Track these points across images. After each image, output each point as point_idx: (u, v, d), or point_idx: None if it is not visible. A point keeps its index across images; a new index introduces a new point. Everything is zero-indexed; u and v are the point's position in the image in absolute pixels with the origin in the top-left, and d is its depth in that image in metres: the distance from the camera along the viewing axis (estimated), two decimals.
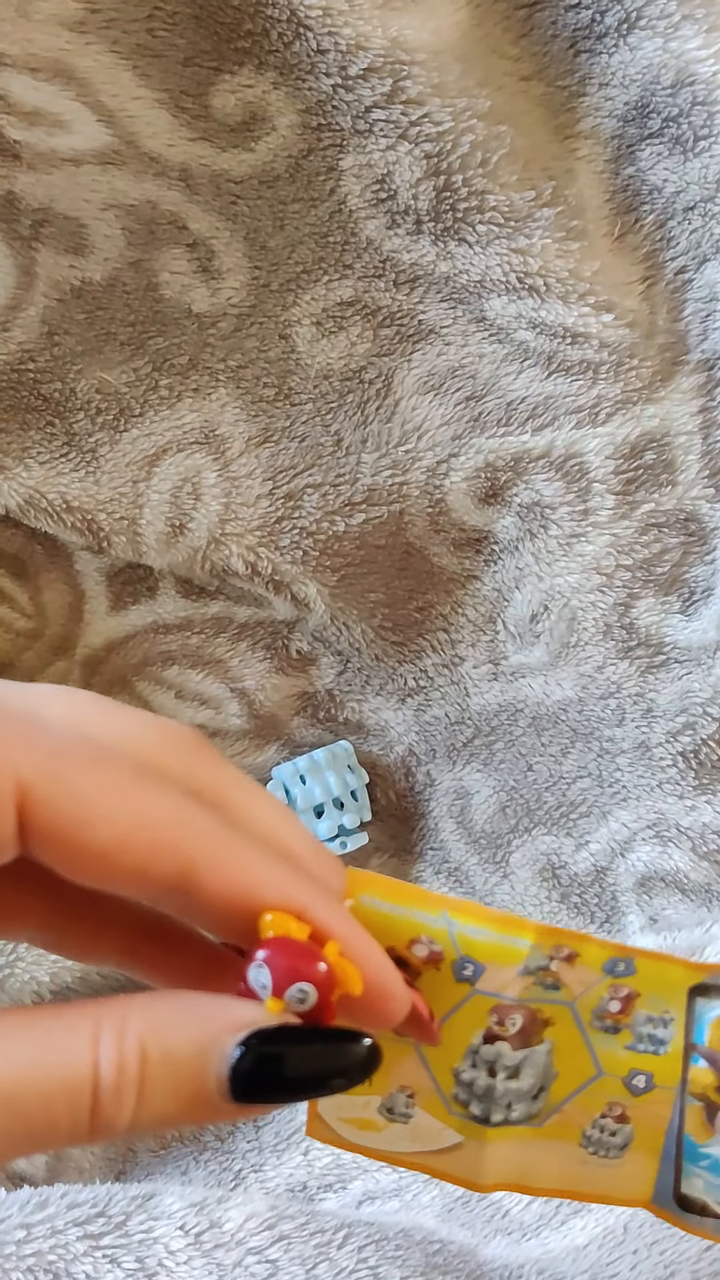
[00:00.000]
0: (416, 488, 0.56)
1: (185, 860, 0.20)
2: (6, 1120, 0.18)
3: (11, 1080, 0.18)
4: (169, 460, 0.56)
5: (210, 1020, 0.20)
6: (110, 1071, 0.19)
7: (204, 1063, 0.20)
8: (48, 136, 0.49)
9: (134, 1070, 0.19)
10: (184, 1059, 0.20)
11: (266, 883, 0.21)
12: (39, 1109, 0.19)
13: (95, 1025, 0.19)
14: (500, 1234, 0.49)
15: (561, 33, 0.49)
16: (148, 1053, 0.19)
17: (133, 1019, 0.20)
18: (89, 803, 0.19)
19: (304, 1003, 0.21)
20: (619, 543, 0.56)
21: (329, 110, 0.48)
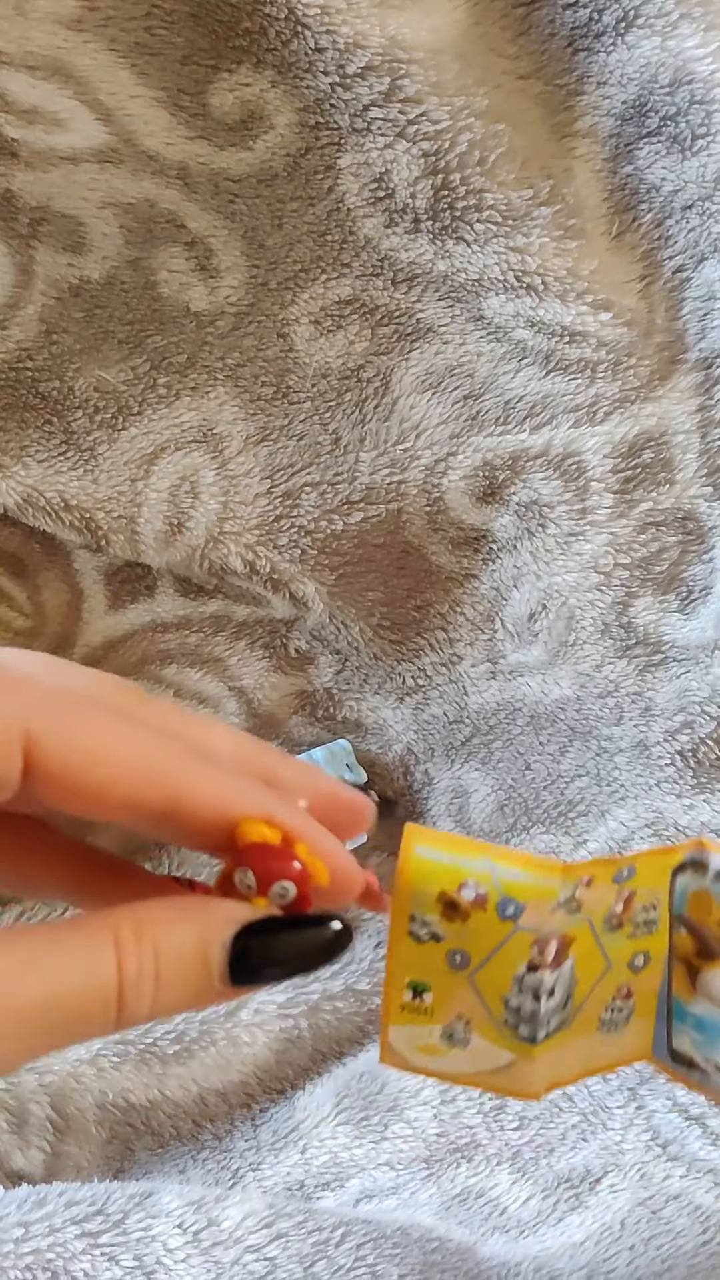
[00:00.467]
0: (414, 486, 0.56)
1: (171, 788, 0.23)
2: (51, 1020, 0.22)
3: (51, 987, 0.21)
4: (167, 459, 0.56)
5: (209, 918, 0.24)
6: (132, 971, 0.22)
7: (207, 954, 0.23)
8: (45, 135, 0.49)
9: (150, 967, 0.22)
10: (190, 953, 0.23)
11: (239, 798, 0.24)
12: (76, 1009, 0.22)
13: (114, 933, 0.22)
14: (498, 1231, 0.49)
15: (559, 31, 0.49)
16: (160, 951, 0.23)
17: (145, 923, 0.23)
18: (89, 746, 0.23)
19: (285, 897, 0.25)
20: (617, 541, 0.56)
21: (327, 109, 0.48)
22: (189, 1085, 0.53)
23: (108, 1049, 0.52)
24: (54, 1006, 0.21)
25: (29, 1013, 0.21)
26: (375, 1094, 0.53)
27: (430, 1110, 0.52)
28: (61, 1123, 0.51)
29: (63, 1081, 0.51)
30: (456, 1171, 0.52)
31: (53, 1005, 0.21)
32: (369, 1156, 0.52)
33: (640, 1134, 0.51)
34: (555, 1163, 0.51)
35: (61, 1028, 0.22)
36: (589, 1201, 0.50)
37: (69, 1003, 0.22)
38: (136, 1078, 0.52)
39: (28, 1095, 0.51)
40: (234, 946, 0.24)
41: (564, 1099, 0.52)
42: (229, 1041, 0.54)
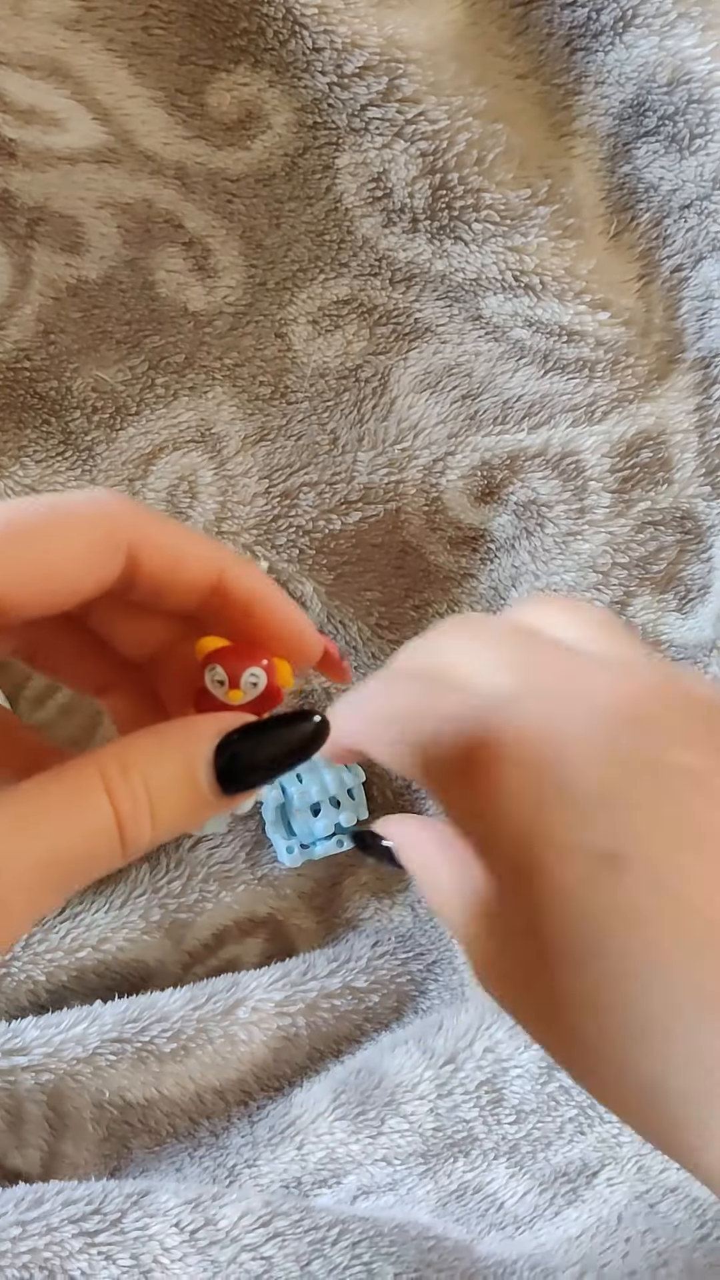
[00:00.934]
0: (413, 486, 0.56)
1: (217, 572, 0.26)
2: (60, 869, 0.23)
3: (54, 840, 0.22)
4: (165, 458, 0.56)
5: (188, 738, 0.25)
6: (127, 805, 0.23)
7: (194, 773, 0.25)
8: (43, 135, 0.49)
9: (143, 798, 0.23)
10: (178, 776, 0.24)
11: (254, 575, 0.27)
12: (83, 853, 0.23)
13: (101, 774, 0.23)
14: (494, 1228, 0.49)
15: (557, 31, 0.49)
16: (149, 781, 0.24)
17: (128, 760, 0.24)
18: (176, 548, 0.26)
19: (256, 686, 0.27)
20: (615, 541, 0.56)
21: (325, 108, 0.48)
22: (186, 1083, 0.53)
23: (104, 1048, 0.52)
24: (60, 857, 0.22)
25: (37, 865, 0.22)
26: (372, 1088, 0.53)
27: (427, 1104, 0.52)
28: (58, 1121, 0.51)
29: (59, 1080, 0.51)
30: (454, 1166, 0.52)
31: (59, 856, 0.22)
32: (366, 1152, 0.52)
33: None
34: (552, 1156, 0.51)
35: (72, 873, 0.23)
36: (586, 1195, 0.50)
37: (75, 849, 0.23)
38: (133, 1076, 0.52)
39: (24, 1094, 0.51)
40: (218, 758, 0.25)
41: (561, 1092, 0.52)
42: (226, 1039, 0.54)
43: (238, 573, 0.27)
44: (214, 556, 0.26)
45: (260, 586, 0.27)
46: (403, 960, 0.60)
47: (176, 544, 0.26)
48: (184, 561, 0.26)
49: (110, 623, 0.28)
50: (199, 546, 0.26)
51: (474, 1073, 0.53)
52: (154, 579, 0.26)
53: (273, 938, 0.61)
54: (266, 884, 0.59)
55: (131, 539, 0.25)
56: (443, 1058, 0.53)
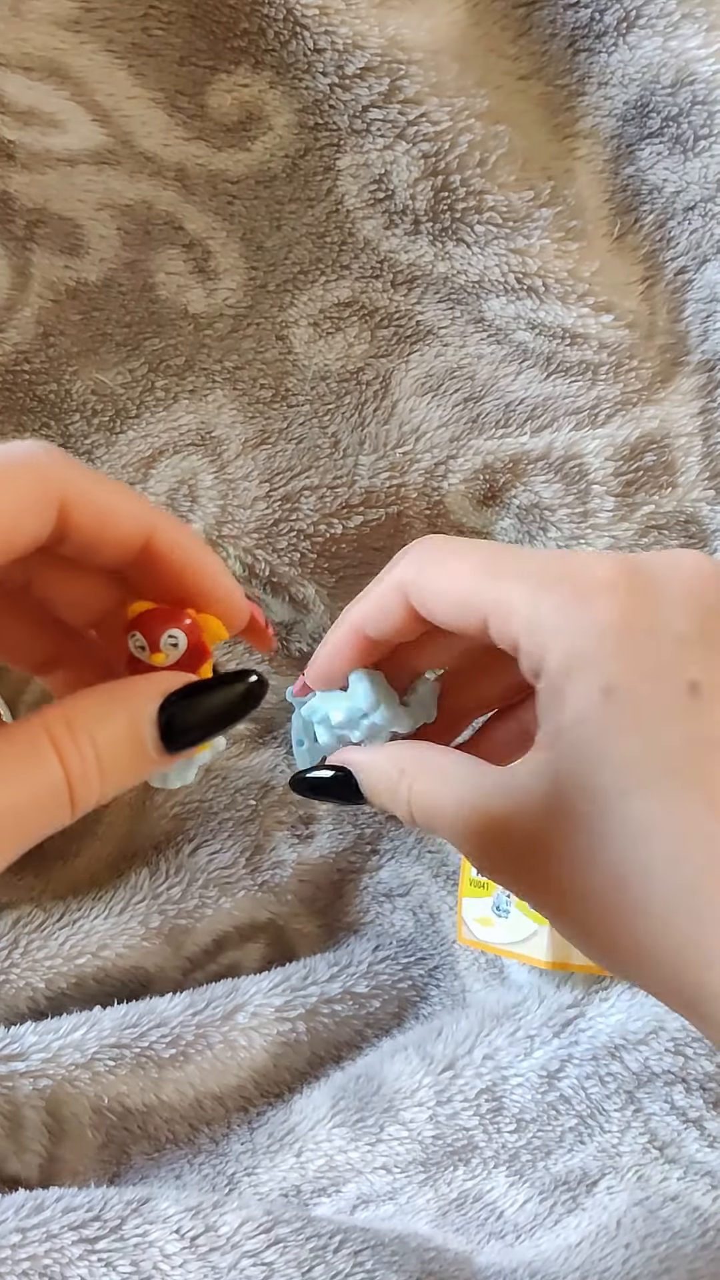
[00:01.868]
0: (415, 490, 0.56)
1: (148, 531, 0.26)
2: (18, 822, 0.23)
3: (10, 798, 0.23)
4: (165, 462, 0.56)
5: (132, 697, 0.26)
6: (75, 764, 0.24)
7: (138, 732, 0.25)
8: (42, 136, 0.48)
9: (91, 756, 0.24)
10: (123, 735, 0.25)
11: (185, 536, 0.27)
12: (34, 810, 0.24)
13: (49, 734, 0.24)
14: (494, 1238, 0.49)
15: (560, 31, 0.48)
16: (96, 740, 0.24)
17: (75, 719, 0.24)
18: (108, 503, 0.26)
19: (177, 647, 0.27)
20: (619, 545, 0.56)
21: (326, 110, 0.48)
22: (185, 1090, 0.53)
23: (103, 1053, 0.51)
24: (11, 813, 0.23)
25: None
26: (371, 1095, 0.53)
27: (426, 1112, 0.52)
28: (57, 1127, 0.51)
29: (58, 1086, 0.51)
30: (454, 1175, 0.51)
31: (10, 812, 0.23)
32: (365, 1160, 0.52)
33: (638, 1136, 0.51)
34: (553, 1165, 0.51)
35: (24, 828, 0.24)
36: (586, 1203, 0.50)
37: (26, 805, 0.23)
38: (132, 1082, 0.52)
39: (23, 1100, 0.51)
40: (161, 717, 0.26)
41: (561, 1101, 0.52)
42: (226, 1045, 0.54)
43: (168, 532, 0.27)
44: (145, 514, 0.27)
45: (189, 547, 0.27)
46: (404, 965, 0.60)
47: (108, 499, 0.26)
48: (115, 517, 0.26)
49: (50, 585, 0.29)
50: (131, 504, 0.26)
51: (474, 1080, 0.52)
52: (84, 533, 0.26)
53: (273, 943, 0.60)
54: (267, 890, 0.59)
55: (63, 492, 0.25)
56: (442, 1064, 0.53)
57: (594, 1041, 0.52)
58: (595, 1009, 0.54)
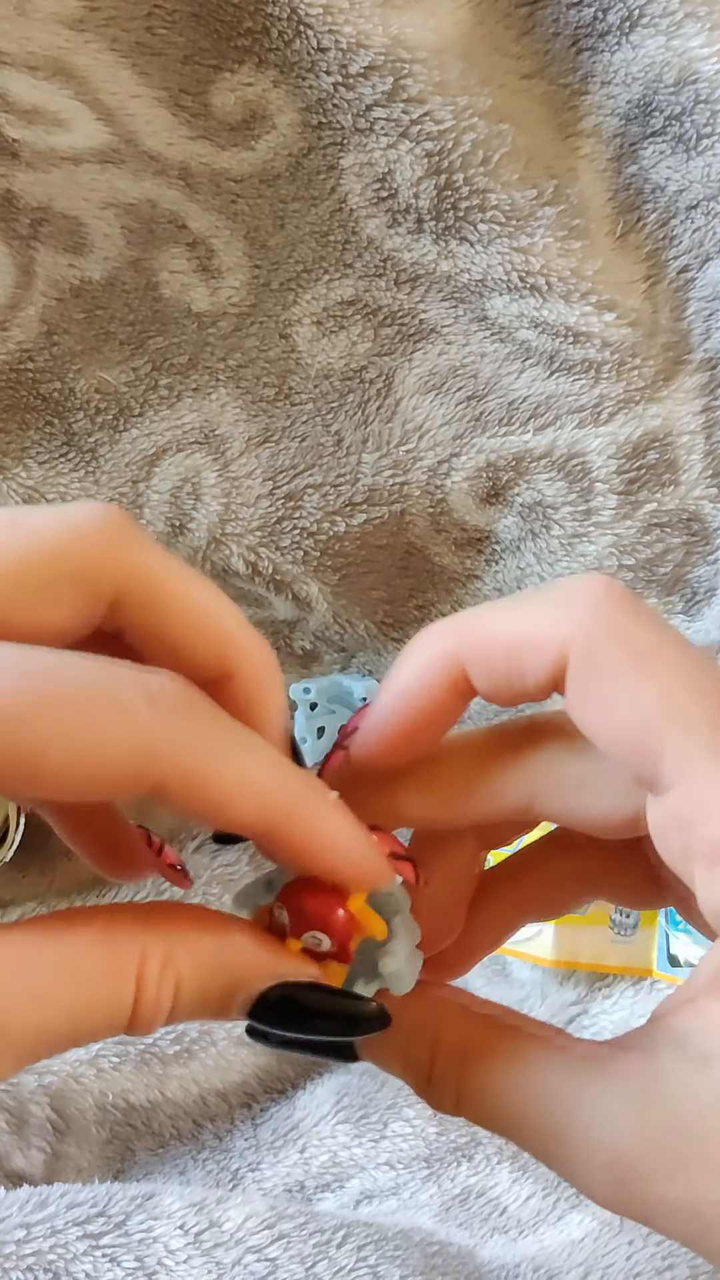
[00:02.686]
0: (418, 488, 0.56)
1: (155, 782, 0.21)
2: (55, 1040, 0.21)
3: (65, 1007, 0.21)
4: (169, 460, 0.56)
5: (245, 968, 0.23)
6: (149, 1001, 0.21)
7: (230, 999, 0.23)
8: (46, 135, 0.48)
9: (168, 1001, 0.22)
10: (214, 996, 0.22)
11: (236, 802, 0.22)
12: (85, 1029, 0.21)
13: (140, 959, 0.21)
14: (498, 1232, 0.49)
15: (563, 30, 0.48)
16: (182, 990, 0.22)
17: (174, 959, 0.22)
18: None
19: (320, 946, 0.24)
20: (621, 543, 0.56)
21: (329, 108, 0.48)
22: (189, 1086, 0.53)
23: (108, 1050, 0.52)
24: (64, 1031, 0.21)
25: (39, 1035, 0.21)
26: (375, 1092, 0.53)
27: (429, 1109, 0.52)
28: (62, 1123, 0.52)
29: (63, 1082, 0.51)
30: (457, 1170, 0.52)
31: (62, 1030, 0.21)
32: (369, 1156, 0.52)
33: None
34: None
35: (63, 1044, 0.21)
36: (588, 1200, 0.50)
37: (82, 1026, 0.21)
38: (137, 1078, 0.52)
39: (28, 1096, 0.51)
40: (261, 1002, 0.23)
41: None
42: (230, 1042, 0.54)
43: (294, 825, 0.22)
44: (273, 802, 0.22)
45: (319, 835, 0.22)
46: None
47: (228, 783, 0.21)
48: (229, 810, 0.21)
49: None
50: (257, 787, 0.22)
51: None
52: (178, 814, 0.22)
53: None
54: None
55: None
56: None
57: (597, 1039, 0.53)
58: (598, 1006, 0.54)
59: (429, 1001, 0.26)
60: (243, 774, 0.21)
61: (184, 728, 0.21)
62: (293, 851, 0.22)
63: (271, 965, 0.23)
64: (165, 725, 0.20)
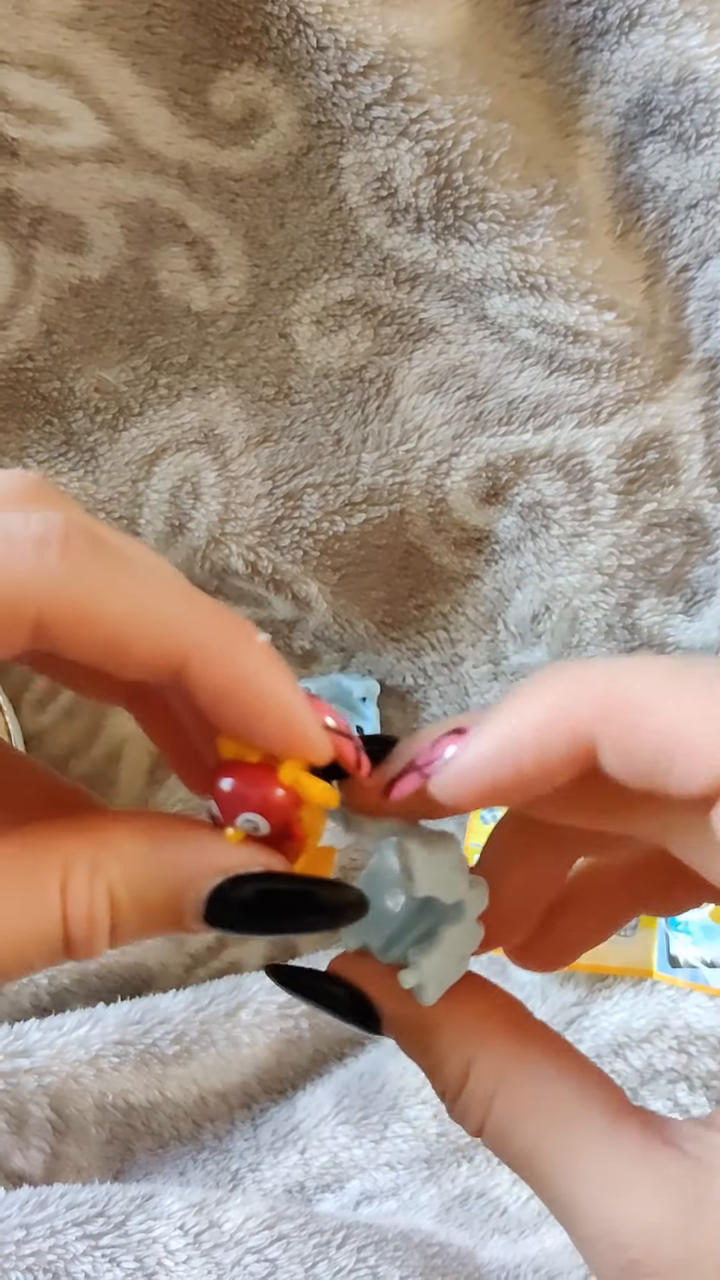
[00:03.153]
0: (417, 487, 0.56)
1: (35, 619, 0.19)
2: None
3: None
4: (168, 459, 0.56)
5: (184, 865, 0.21)
6: (80, 918, 0.20)
7: (178, 904, 0.21)
8: (46, 134, 0.48)
9: (103, 915, 0.20)
10: (157, 903, 0.20)
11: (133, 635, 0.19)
12: (11, 954, 0.20)
13: (63, 869, 0.20)
14: (498, 1233, 0.49)
15: (563, 30, 0.48)
16: (117, 898, 0.20)
17: (102, 863, 0.20)
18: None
19: (258, 830, 0.21)
20: (621, 542, 0.56)
21: (329, 107, 0.48)
22: (189, 1086, 0.53)
23: (107, 1050, 0.52)
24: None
25: None
26: (375, 1093, 0.53)
27: (430, 1109, 0.52)
28: (61, 1124, 0.51)
29: (62, 1083, 0.51)
30: (457, 1171, 0.52)
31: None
32: (369, 1157, 0.52)
33: None
34: None
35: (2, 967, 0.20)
36: None
37: (6, 942, 0.19)
38: (136, 1079, 0.52)
39: (27, 1096, 0.51)
40: (212, 899, 0.21)
41: None
42: (229, 1042, 0.54)
43: (209, 657, 0.20)
44: (176, 631, 0.20)
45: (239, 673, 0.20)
46: None
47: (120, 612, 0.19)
48: (124, 641, 0.19)
49: None
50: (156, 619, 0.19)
51: None
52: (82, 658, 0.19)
53: (275, 940, 0.61)
54: None
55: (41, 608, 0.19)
56: None
57: (597, 1040, 0.53)
58: (599, 1007, 0.54)
59: (476, 1013, 0.23)
60: (140, 603, 0.19)
61: (70, 560, 0.19)
62: (210, 696, 0.20)
63: (214, 858, 0.21)
64: (43, 558, 0.19)
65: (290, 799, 0.21)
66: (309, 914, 0.21)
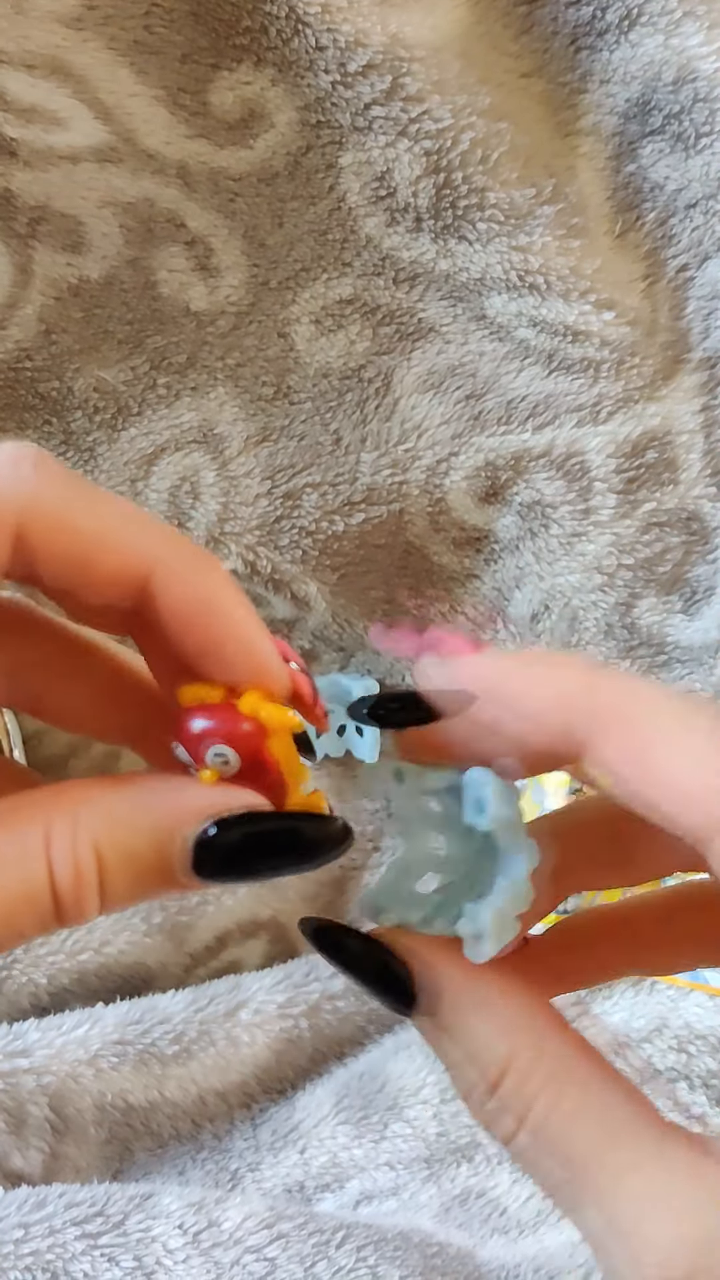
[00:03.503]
0: (416, 487, 0.56)
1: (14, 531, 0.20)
2: None
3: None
4: (167, 459, 0.56)
5: (166, 812, 0.20)
6: (67, 876, 0.19)
7: (165, 853, 0.20)
8: (45, 134, 0.48)
9: (90, 872, 0.20)
10: (143, 853, 0.20)
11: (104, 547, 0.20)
12: (7, 925, 0.19)
13: (46, 829, 0.20)
14: (497, 1233, 0.49)
15: (562, 29, 0.48)
16: (103, 853, 0.20)
17: (84, 819, 0.20)
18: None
19: (229, 764, 0.21)
20: (620, 542, 0.56)
21: (328, 107, 0.48)
22: (188, 1086, 0.53)
23: (106, 1050, 0.52)
24: None
25: None
26: (375, 1093, 0.53)
27: (430, 1110, 0.52)
28: (60, 1124, 0.51)
29: (61, 1083, 0.51)
30: (457, 1171, 0.52)
31: None
32: (369, 1157, 0.52)
33: None
34: None
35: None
36: None
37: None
38: (135, 1079, 0.52)
39: (26, 1096, 0.51)
40: (199, 845, 0.20)
41: None
42: (229, 1042, 0.54)
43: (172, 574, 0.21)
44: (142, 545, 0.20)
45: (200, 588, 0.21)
46: None
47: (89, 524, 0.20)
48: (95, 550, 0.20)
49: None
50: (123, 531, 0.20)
51: None
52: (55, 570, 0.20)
53: (275, 940, 0.61)
54: (268, 886, 0.59)
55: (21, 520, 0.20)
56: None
57: (597, 1039, 0.53)
58: (599, 1006, 0.54)
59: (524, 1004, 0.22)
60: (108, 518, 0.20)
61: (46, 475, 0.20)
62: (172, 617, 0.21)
63: (193, 800, 0.20)
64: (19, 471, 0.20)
65: (255, 728, 0.21)
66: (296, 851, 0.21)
